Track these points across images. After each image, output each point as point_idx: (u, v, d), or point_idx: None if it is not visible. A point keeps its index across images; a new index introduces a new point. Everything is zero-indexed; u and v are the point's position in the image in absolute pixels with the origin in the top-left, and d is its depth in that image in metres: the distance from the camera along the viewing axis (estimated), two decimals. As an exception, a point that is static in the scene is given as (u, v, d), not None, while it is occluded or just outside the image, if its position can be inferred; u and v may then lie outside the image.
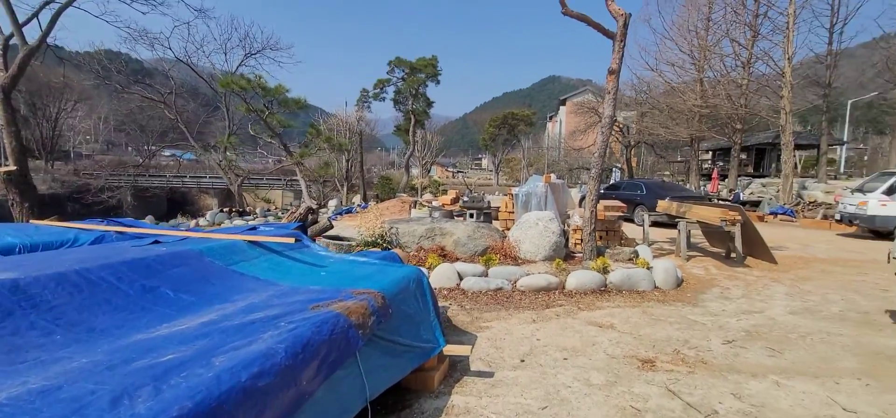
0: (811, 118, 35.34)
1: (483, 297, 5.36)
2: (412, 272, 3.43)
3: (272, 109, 13.70)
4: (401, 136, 30.01)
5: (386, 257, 4.05)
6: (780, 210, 17.61)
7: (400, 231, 6.88)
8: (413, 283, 3.33)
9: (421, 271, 3.58)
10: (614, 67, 6.60)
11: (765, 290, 5.96)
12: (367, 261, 3.78)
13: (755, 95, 23.51)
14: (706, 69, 25.31)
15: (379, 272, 3.39)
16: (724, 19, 23.65)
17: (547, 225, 6.70)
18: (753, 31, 22.24)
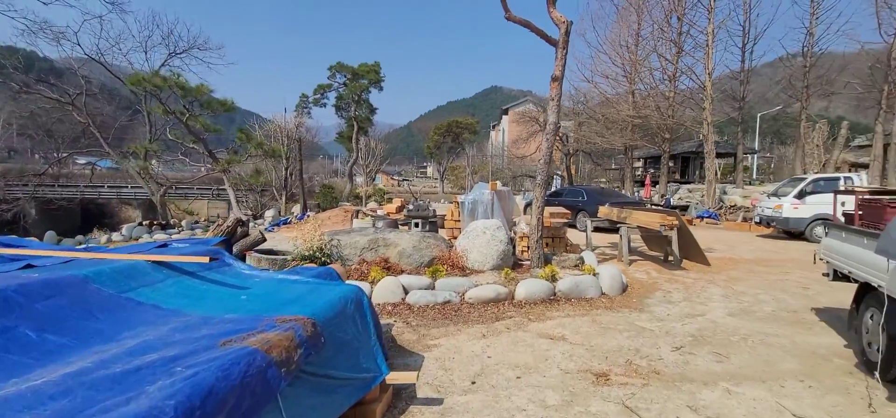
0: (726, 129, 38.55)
1: (430, 312, 5.05)
2: (351, 291, 3.06)
3: (194, 112, 12.50)
4: (343, 144, 29.10)
5: (321, 274, 3.64)
6: (705, 213, 18.85)
7: (341, 243, 6.42)
8: (351, 304, 2.96)
9: (361, 290, 3.21)
10: (557, 74, 6.59)
11: (703, 293, 6.13)
12: (300, 279, 3.35)
13: (681, 107, 25.22)
14: (637, 82, 26.81)
15: (312, 292, 2.98)
16: (652, 36, 25.23)
17: (494, 233, 6.53)
18: (678, 47, 23.85)
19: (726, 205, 20.63)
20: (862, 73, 22.54)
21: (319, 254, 6.24)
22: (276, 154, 14.85)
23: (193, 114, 12.38)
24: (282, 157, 16.70)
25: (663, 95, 25.28)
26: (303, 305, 2.66)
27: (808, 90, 23.16)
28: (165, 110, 12.09)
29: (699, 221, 18.19)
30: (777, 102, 33.23)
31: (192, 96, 11.99)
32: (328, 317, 2.59)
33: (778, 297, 5.91)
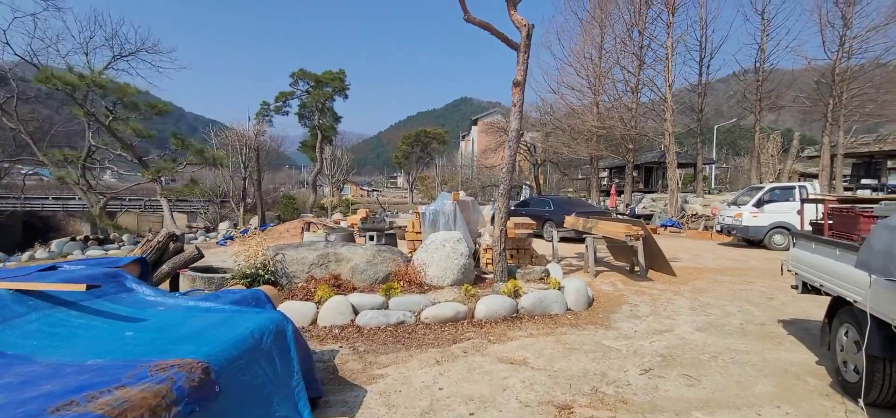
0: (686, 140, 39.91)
1: (381, 334, 4.58)
2: (270, 321, 2.57)
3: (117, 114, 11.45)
4: (307, 153, 28.18)
5: (245, 299, 3.12)
6: (668, 222, 19.13)
7: (287, 258, 5.87)
8: (270, 338, 2.47)
9: (285, 319, 2.72)
10: (519, 79, 6.31)
11: (670, 305, 5.91)
12: (214, 306, 2.83)
13: (643, 118, 25.77)
14: (601, 93, 27.27)
15: (222, 324, 2.48)
16: (615, 49, 25.74)
17: (454, 246, 6.13)
18: (639, 60, 24.40)
19: (688, 214, 21.06)
20: (808, 87, 23.67)
21: (262, 272, 5.68)
22: (218, 161, 13.96)
23: (117, 116, 11.35)
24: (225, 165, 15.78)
25: (626, 107, 25.79)
26: (202, 342, 2.16)
27: (761, 103, 24.13)
28: (86, 113, 11.05)
29: (663, 230, 18.42)
30: (731, 115, 34.60)
31: (114, 96, 10.98)
32: (231, 358, 2.11)
33: (744, 309, 5.76)
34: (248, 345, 2.27)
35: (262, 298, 3.32)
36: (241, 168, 18.83)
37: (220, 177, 22.03)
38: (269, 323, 2.56)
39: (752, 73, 24.28)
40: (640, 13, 23.51)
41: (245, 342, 2.27)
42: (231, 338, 2.24)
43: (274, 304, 3.44)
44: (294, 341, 2.69)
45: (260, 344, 2.37)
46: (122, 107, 10.87)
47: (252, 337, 2.35)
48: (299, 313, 4.83)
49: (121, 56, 15.96)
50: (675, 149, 22.22)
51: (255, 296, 3.29)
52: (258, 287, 5.53)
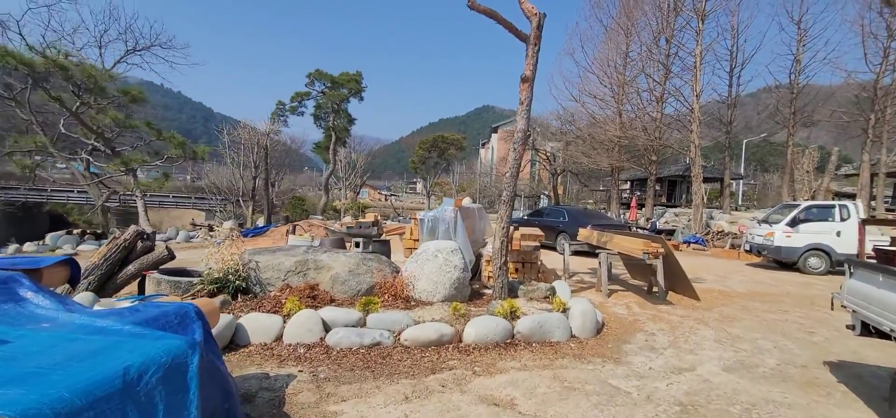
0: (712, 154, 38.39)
1: (351, 358, 3.97)
2: (160, 355, 1.98)
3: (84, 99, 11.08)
4: (321, 155, 27.97)
5: (162, 316, 2.54)
6: (692, 239, 18.06)
7: (261, 264, 5.32)
8: (152, 377, 1.88)
9: (187, 349, 2.12)
10: (528, 74, 5.65)
11: (692, 336, 5.13)
12: (109, 326, 2.26)
13: (668, 129, 24.68)
14: (625, 102, 26.28)
15: (95, 354, 1.90)
16: (640, 57, 24.77)
17: (448, 257, 5.48)
18: (666, 68, 23.38)
19: (713, 231, 19.89)
20: (847, 101, 22.26)
21: (232, 278, 5.15)
22: (198, 156, 13.63)
23: (85, 102, 11.03)
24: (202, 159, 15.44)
25: (650, 117, 24.77)
26: (41, 383, 1.58)
27: (795, 117, 22.82)
28: (51, 97, 10.77)
29: (686, 247, 17.38)
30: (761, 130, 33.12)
31: (77, 80, 10.61)
32: (71, 411, 1.52)
33: (781, 345, 4.94)
34: (110, 390, 1.68)
35: (189, 315, 2.74)
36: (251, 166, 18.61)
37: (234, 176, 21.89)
38: (160, 355, 1.97)
39: (786, 87, 23.01)
40: (668, 20, 22.55)
41: (107, 384, 1.68)
42: (89, 379, 1.66)
43: (207, 321, 2.86)
44: (199, 377, 2.09)
45: (133, 387, 1.78)
46: (87, 92, 10.55)
47: (123, 376, 1.76)
48: (263, 327, 4.27)
49: (134, 50, 15.99)
50: (700, 162, 21.11)
51: (181, 312, 2.71)
52: (225, 295, 5.01)
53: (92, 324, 2.29)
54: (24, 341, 2.03)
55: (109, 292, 5.26)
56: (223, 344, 4.05)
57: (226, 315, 4.21)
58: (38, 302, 2.50)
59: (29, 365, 1.77)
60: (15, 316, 2.29)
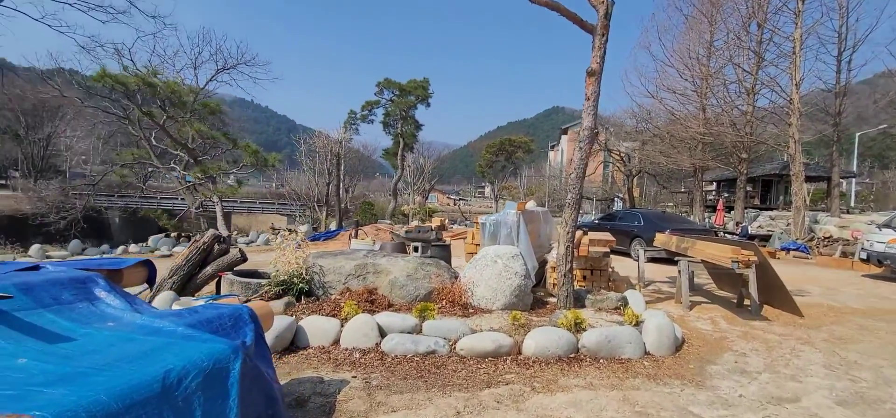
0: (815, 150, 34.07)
1: (405, 365, 3.87)
2: (202, 359, 1.98)
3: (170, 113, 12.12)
4: (389, 160, 28.78)
5: (216, 318, 2.60)
6: (792, 245, 16.06)
7: (324, 268, 5.43)
8: (192, 382, 1.87)
9: (231, 354, 2.12)
10: (594, 67, 5.26)
11: (794, 359, 4.42)
12: (165, 326, 2.34)
13: (761, 123, 22.26)
14: (709, 96, 24.15)
15: (144, 356, 1.94)
16: (727, 46, 22.61)
17: (508, 263, 5.23)
18: (758, 57, 21.14)
19: (819, 237, 17.54)
20: None
21: (296, 281, 5.30)
22: (268, 164, 14.41)
23: (171, 116, 12.10)
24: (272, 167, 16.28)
25: (740, 111, 22.50)
26: (82, 385, 1.62)
27: (926, 103, 19.52)
28: (142, 112, 11.94)
29: (784, 254, 15.49)
30: (877, 121, 28.87)
31: (160, 95, 11.68)
32: (106, 414, 1.52)
33: (913, 376, 4.09)
34: (148, 394, 1.68)
35: (242, 317, 2.78)
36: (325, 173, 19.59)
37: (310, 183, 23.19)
38: (203, 359, 1.98)
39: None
40: (761, 3, 20.33)
41: (146, 388, 1.69)
42: (129, 382, 1.68)
43: (260, 324, 2.89)
44: (240, 382, 2.07)
45: (172, 391, 1.78)
46: (171, 106, 11.65)
47: (162, 380, 1.77)
48: (322, 331, 4.32)
49: (223, 69, 17.60)
50: (802, 159, 18.74)
51: (235, 315, 2.76)
52: (290, 297, 5.17)
53: (150, 325, 2.38)
54: (86, 339, 2.14)
55: (191, 291, 5.66)
56: (283, 346, 4.14)
57: (287, 317, 4.31)
58: (110, 301, 2.65)
59: (82, 365, 1.84)
60: (86, 315, 2.44)
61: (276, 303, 4.92)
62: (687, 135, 24.45)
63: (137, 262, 3.60)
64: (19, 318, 2.17)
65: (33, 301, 2.32)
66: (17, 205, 29.58)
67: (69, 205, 20.42)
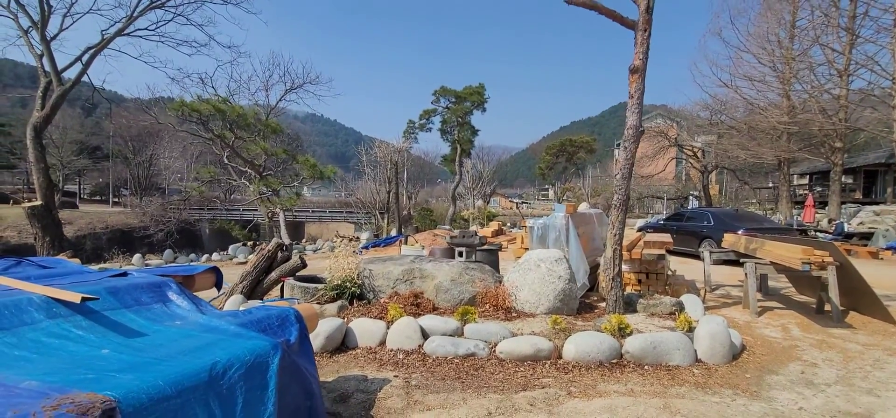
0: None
1: (445, 366, 4.01)
2: (245, 353, 2.25)
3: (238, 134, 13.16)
4: (448, 167, 29.23)
5: (265, 318, 2.90)
6: (900, 244, 14.16)
7: (374, 273, 5.73)
8: (235, 373, 2.14)
9: (271, 349, 2.38)
10: (637, 64, 5.11)
11: (876, 372, 3.99)
12: (221, 325, 2.66)
13: (858, 108, 19.86)
14: (792, 82, 21.98)
15: (198, 350, 2.24)
16: (812, 24, 20.52)
17: (551, 267, 5.20)
18: (851, 34, 18.96)
19: (936, 234, 15.31)
20: None
21: (349, 285, 5.64)
22: (324, 176, 15.18)
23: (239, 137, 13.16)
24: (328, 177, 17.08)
25: (831, 95, 20.24)
26: (149, 371, 1.93)
27: None
28: (214, 135, 13.09)
29: (890, 254, 13.70)
30: None
31: (230, 120, 12.75)
32: (161, 397, 1.81)
33: None
34: (196, 382, 1.96)
35: (289, 318, 3.07)
36: (386, 181, 20.38)
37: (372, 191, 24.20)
38: (246, 353, 2.25)
39: None
40: (852, -27, 18.25)
41: (195, 376, 1.97)
42: (182, 371, 1.97)
43: (305, 325, 3.17)
44: (278, 376, 2.32)
45: (217, 380, 2.05)
46: (238, 128, 12.71)
47: (210, 370, 2.05)
48: (369, 332, 4.58)
49: (292, 89, 19.05)
50: (911, 145, 16.49)
51: (282, 316, 3.06)
52: (343, 300, 5.52)
53: (208, 323, 2.72)
54: (156, 335, 2.50)
55: (259, 294, 6.22)
56: (334, 346, 4.45)
57: (337, 319, 4.62)
58: (179, 303, 3.06)
59: (150, 356, 2.17)
60: (159, 314, 2.84)
61: (330, 305, 5.28)
62: (768, 125, 22.41)
63: (206, 269, 4.07)
64: (106, 316, 2.59)
65: (118, 302, 2.75)
66: (126, 219, 33.83)
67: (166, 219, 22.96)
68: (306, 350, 3.06)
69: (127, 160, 45.60)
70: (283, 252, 6.42)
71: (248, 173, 14.29)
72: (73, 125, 46.80)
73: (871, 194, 27.16)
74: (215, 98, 11.77)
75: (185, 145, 44.16)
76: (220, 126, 12.78)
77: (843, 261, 5.57)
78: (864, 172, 27.73)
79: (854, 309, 6.03)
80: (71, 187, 50.31)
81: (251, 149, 13.71)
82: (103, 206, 45.22)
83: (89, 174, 52.59)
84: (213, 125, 12.52)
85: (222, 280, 4.22)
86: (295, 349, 2.89)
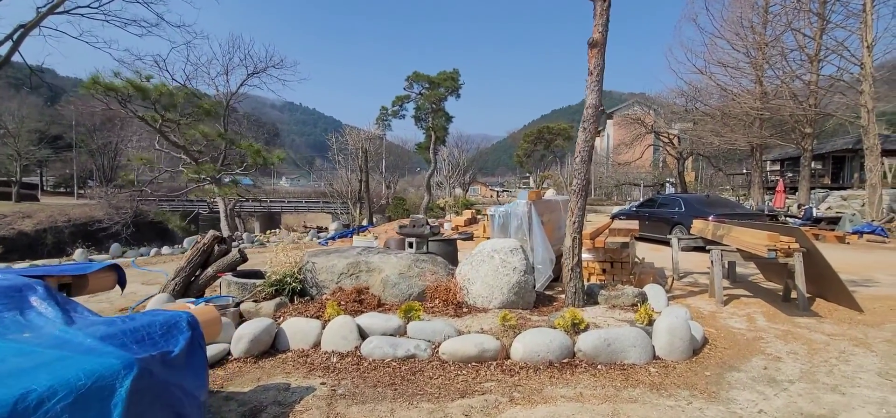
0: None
1: (381, 371, 3.60)
2: (83, 377, 1.80)
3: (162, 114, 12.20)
4: (422, 155, 28.68)
5: (146, 326, 2.44)
6: (866, 228, 14.35)
7: (317, 267, 5.27)
8: (57, 404, 1.69)
9: (119, 371, 1.92)
10: (596, 37, 4.74)
11: (841, 365, 3.74)
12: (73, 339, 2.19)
13: (827, 94, 20.07)
14: (765, 68, 22.10)
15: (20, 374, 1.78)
16: (785, 10, 20.56)
17: (505, 258, 4.83)
18: (822, 19, 19.05)
19: (900, 218, 15.59)
20: None
21: (290, 280, 5.17)
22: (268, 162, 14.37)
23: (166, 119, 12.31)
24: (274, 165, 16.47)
25: (802, 81, 20.40)
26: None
27: None
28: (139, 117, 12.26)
29: (856, 239, 13.86)
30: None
31: (152, 98, 11.92)
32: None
33: None
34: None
35: (177, 326, 2.61)
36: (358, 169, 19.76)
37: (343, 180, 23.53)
38: (78, 377, 1.79)
39: None
40: (823, -42, 18.29)
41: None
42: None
43: (200, 332, 2.72)
44: (128, 401, 1.87)
45: (25, 416, 1.60)
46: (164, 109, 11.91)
47: (15, 405, 1.59)
48: (302, 333, 4.14)
49: (254, 73, 18.17)
50: (877, 131, 16.71)
51: (170, 323, 2.59)
52: (282, 297, 5.05)
53: (62, 337, 2.24)
54: (-18, 354, 2.02)
55: (193, 293, 5.69)
56: (261, 350, 3.99)
57: (265, 320, 4.17)
58: (42, 310, 2.56)
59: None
60: (9, 325, 2.35)
61: (266, 304, 4.82)
62: (741, 112, 22.53)
63: (104, 267, 3.57)
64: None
65: (-52, 313, 2.25)
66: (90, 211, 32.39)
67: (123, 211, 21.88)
68: (195, 363, 2.61)
69: (91, 150, 43.61)
70: (220, 245, 5.89)
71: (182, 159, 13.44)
72: (31, 113, 44.45)
73: (839, 180, 27.76)
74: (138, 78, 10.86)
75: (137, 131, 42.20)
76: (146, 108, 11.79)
77: (810, 248, 5.36)
78: (833, 158, 28.31)
79: (820, 296, 5.86)
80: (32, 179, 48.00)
81: (188, 133, 12.87)
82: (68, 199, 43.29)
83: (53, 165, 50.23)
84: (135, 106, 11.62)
85: (125, 279, 3.72)
86: (178, 362, 2.44)
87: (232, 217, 16.21)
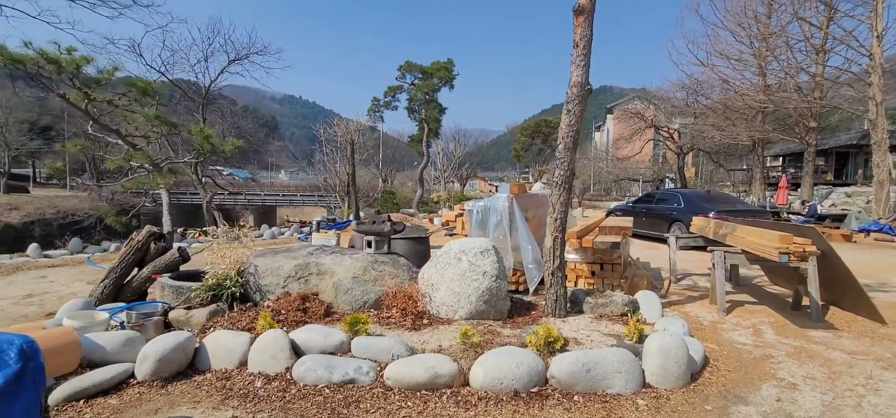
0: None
1: (310, 401, 2.94)
2: None
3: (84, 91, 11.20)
4: (415, 148, 27.93)
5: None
6: (874, 226, 13.68)
7: (260, 269, 4.61)
8: None
9: None
10: (583, 3, 4.05)
11: (870, 396, 3.08)
12: None
13: (834, 86, 19.35)
14: (770, 59, 21.36)
15: None
16: (791, 0, 19.78)
17: (474, 261, 4.16)
18: (829, 8, 18.30)
19: (908, 215, 14.92)
20: None
21: (229, 284, 4.50)
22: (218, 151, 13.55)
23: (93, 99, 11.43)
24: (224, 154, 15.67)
25: (807, 73, 19.68)
26: None
27: None
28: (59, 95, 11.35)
29: (863, 237, 13.20)
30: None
31: (69, 72, 10.96)
32: None
33: None
34: None
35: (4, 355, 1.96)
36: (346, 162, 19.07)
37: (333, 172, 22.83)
38: None
39: None
40: (831, -56, 17.51)
41: None
42: None
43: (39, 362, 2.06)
44: None
45: None
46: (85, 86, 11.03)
47: None
48: (226, 350, 3.47)
49: (235, 60, 17.43)
50: (886, 124, 16.01)
51: None
52: (220, 303, 4.40)
53: None
54: None
55: (126, 296, 5.03)
56: (173, 371, 3.32)
57: (181, 334, 3.50)
58: None
59: None
60: None
61: (199, 311, 4.16)
62: (743, 105, 21.81)
63: None
64: None
65: None
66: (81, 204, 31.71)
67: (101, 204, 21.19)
68: (25, 401, 1.96)
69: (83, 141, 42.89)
70: (158, 242, 5.22)
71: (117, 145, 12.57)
72: (20, 104, 43.62)
73: (843, 176, 27.10)
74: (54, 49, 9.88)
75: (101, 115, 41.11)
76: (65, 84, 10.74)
77: (826, 250, 4.69)
78: (836, 154, 27.64)
79: (834, 304, 5.21)
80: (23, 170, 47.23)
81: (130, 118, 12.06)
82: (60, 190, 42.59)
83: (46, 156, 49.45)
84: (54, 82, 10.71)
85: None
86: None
87: (209, 211, 15.51)
